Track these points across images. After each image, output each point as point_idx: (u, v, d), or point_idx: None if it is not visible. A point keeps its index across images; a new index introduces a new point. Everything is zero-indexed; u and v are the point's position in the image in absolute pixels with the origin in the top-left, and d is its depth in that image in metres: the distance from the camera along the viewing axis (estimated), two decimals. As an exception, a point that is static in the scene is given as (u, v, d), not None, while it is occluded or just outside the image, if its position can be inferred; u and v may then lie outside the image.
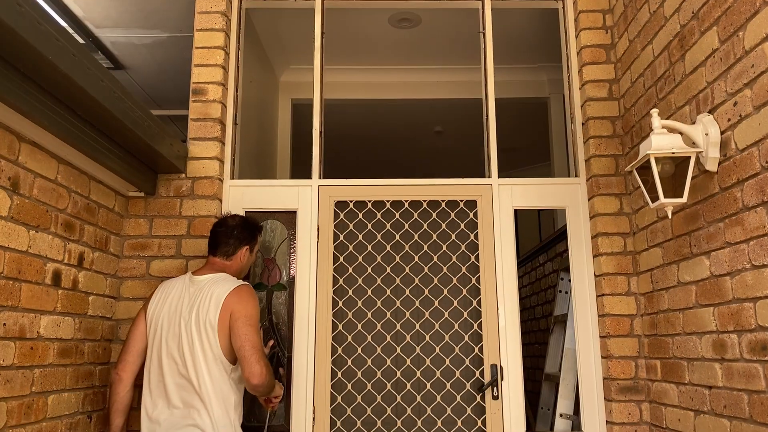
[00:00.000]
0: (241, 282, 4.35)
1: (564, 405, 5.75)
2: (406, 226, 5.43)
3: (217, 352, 4.10)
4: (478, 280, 5.31)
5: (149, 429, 4.11)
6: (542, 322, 8.37)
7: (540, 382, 6.75)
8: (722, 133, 3.79)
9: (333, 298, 5.27)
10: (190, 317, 4.15)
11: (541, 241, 8.93)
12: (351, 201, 5.46)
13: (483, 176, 5.54)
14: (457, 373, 5.19)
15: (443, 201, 5.46)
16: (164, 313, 4.25)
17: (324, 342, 5.17)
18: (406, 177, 5.53)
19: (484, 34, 5.83)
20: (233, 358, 4.13)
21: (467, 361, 5.20)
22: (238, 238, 4.55)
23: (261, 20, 6.46)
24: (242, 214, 5.27)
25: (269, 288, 5.43)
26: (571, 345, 5.69)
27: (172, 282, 4.44)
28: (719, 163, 3.82)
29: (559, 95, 7.10)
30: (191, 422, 4.02)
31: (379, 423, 5.12)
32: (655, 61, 4.69)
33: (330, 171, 5.64)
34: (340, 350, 5.22)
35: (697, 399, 4.12)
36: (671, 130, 4.05)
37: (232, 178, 5.50)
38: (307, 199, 5.42)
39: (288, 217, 5.43)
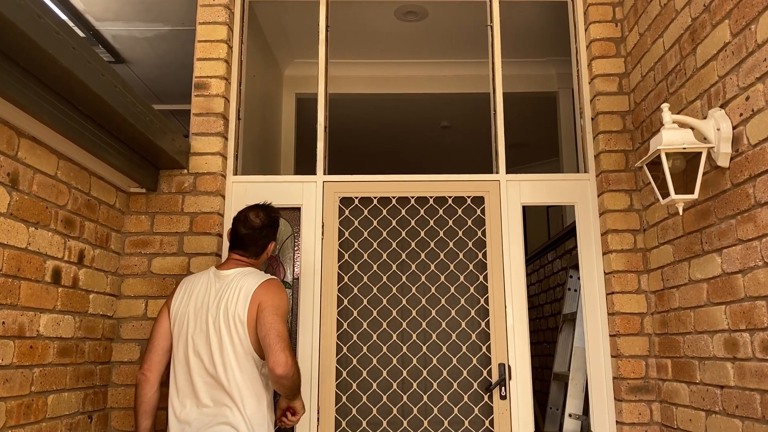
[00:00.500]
0: (269, 276, 4.32)
1: (573, 405, 5.75)
2: (413, 222, 5.43)
3: (247, 346, 4.05)
4: (485, 278, 5.30)
5: (179, 430, 4.05)
6: (551, 320, 8.37)
7: (549, 382, 6.75)
8: (734, 128, 3.78)
9: (338, 296, 5.27)
10: (218, 313, 4.11)
11: (550, 238, 8.93)
12: (356, 197, 5.45)
13: (491, 172, 5.53)
14: (465, 373, 5.19)
15: (450, 197, 5.45)
16: (190, 310, 4.20)
17: (329, 341, 5.16)
18: (413, 173, 5.52)
19: (491, 27, 5.82)
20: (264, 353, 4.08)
21: (474, 361, 5.20)
22: (266, 237, 4.51)
23: (265, 13, 6.45)
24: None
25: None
26: (580, 344, 5.69)
27: (195, 277, 4.40)
28: (731, 159, 3.81)
29: (568, 89, 7.09)
30: (223, 420, 3.97)
31: (384, 423, 5.11)
32: (665, 55, 4.68)
33: (335, 167, 5.64)
34: (345, 349, 5.21)
35: (708, 399, 4.11)
36: (682, 125, 4.04)
37: (235, 174, 5.50)
38: (312, 196, 5.41)
39: (292, 214, 5.43)
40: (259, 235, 4.46)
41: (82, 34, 6.72)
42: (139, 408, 4.19)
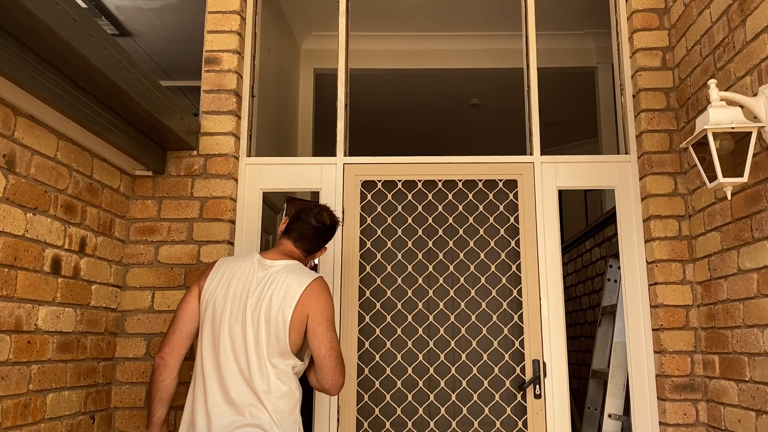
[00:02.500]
0: (316, 275, 4.22)
1: (613, 404, 5.73)
2: (440, 208, 5.39)
3: (285, 346, 3.98)
4: (518, 268, 5.26)
5: (203, 424, 3.95)
6: (589, 313, 8.33)
7: (586, 380, 6.73)
8: (789, 105, 3.74)
9: (359, 287, 5.25)
10: (260, 305, 4.02)
11: (588, 225, 8.89)
12: (379, 181, 5.42)
13: (524, 153, 5.49)
14: (496, 370, 5.16)
15: (480, 180, 5.41)
16: (229, 295, 4.09)
17: (350, 336, 5.15)
18: (440, 154, 5.49)
19: (525, -3, 5.79)
20: (297, 352, 4.04)
21: (507, 357, 5.17)
22: (326, 239, 4.44)
23: (280, -18, 6.45)
24: (260, 195, 5.28)
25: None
26: (620, 339, 5.66)
27: (235, 260, 4.27)
28: (785, 139, 3.78)
29: (607, 64, 7.07)
30: (253, 421, 3.90)
31: (410, 424, 5.09)
32: (712, 27, 4.62)
33: (356, 148, 5.62)
34: (367, 344, 5.20)
35: (759, 398, 4.07)
36: (730, 102, 3.99)
37: (249, 155, 5.47)
38: (331, 179, 5.39)
39: (310, 199, 5.42)
40: (323, 234, 4.40)
41: (83, 5, 6.71)
42: (155, 396, 4.08)
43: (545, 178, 5.35)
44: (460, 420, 5.09)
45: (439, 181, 5.40)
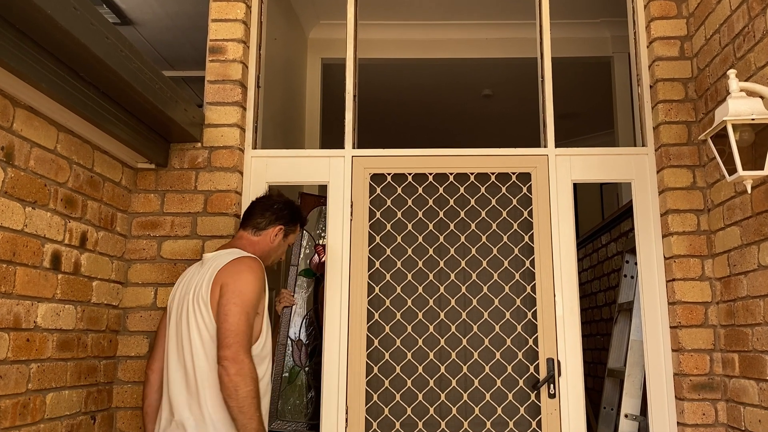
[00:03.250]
0: (244, 255, 4.21)
1: (629, 404, 5.72)
2: (451, 201, 5.37)
3: (213, 332, 3.93)
4: (532, 263, 5.24)
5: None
6: (605, 310, 8.33)
7: (602, 379, 6.72)
8: (812, 96, 3.73)
9: (368, 283, 5.23)
10: (191, 298, 4.06)
11: (604, 219, 8.88)
12: (389, 174, 5.40)
13: (538, 146, 5.46)
14: (509, 369, 5.15)
15: (493, 173, 5.39)
16: (176, 300, 4.19)
17: (358, 333, 5.13)
18: (451, 147, 5.48)
19: (539, -16, 5.77)
20: None
21: (520, 355, 5.15)
22: (276, 214, 4.45)
23: (287, -31, 6.44)
24: (265, 188, 5.26)
25: (317, 276, 5.46)
26: (637, 336, 5.64)
27: (191, 267, 4.40)
28: (808, 130, 3.76)
29: (624, 54, 7.04)
30: (178, 419, 3.90)
31: (420, 425, 5.08)
32: (732, 16, 4.60)
33: (365, 140, 5.61)
34: (376, 342, 5.19)
35: (782, 399, 4.07)
36: (751, 93, 3.96)
37: (255, 147, 5.47)
38: (339, 172, 5.37)
39: (318, 193, 5.41)
40: (270, 207, 4.47)
41: (85, -6, 6.71)
42: (143, 411, 4.25)
43: (560, 171, 5.33)
44: (472, 420, 5.08)
45: (451, 174, 5.38)
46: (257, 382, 3.84)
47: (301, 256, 5.76)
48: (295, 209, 4.59)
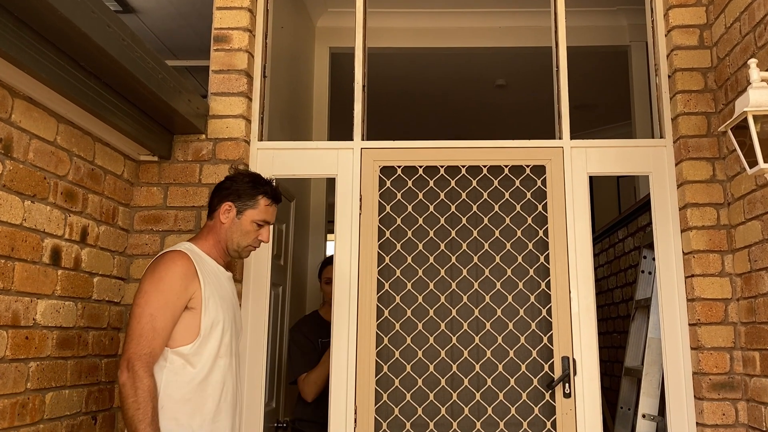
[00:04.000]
0: (171, 249, 4.09)
1: (647, 404, 5.70)
2: (463, 195, 5.36)
3: None
4: (547, 259, 5.22)
5: None
6: (622, 307, 8.32)
7: (619, 378, 6.71)
8: (835, 85, 3.71)
9: (378, 279, 5.22)
10: None
11: (621, 213, 8.87)
12: (399, 166, 5.37)
13: (553, 137, 5.44)
14: (523, 367, 5.13)
15: (506, 166, 5.36)
16: None
17: (367, 331, 5.12)
18: (463, 138, 5.46)
19: (554, -30, 5.75)
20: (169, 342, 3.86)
21: (534, 353, 5.14)
22: (225, 190, 4.28)
23: (294, -45, 6.43)
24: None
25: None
26: (655, 334, 5.62)
27: None
28: (831, 122, 3.73)
29: (641, 43, 7.03)
30: None
31: (431, 425, 5.06)
32: (753, 3, 4.57)
33: (374, 132, 5.60)
34: (386, 340, 5.17)
35: (805, 399, 4.06)
36: (772, 83, 3.96)
37: (261, 139, 5.46)
38: (348, 164, 5.36)
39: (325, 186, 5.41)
40: (218, 187, 4.33)
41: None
42: None
43: (575, 163, 5.31)
44: (485, 420, 5.06)
45: (463, 166, 5.36)
46: (149, 394, 3.68)
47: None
48: (250, 182, 4.32)
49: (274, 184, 4.50)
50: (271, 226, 4.58)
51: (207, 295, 3.96)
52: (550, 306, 5.13)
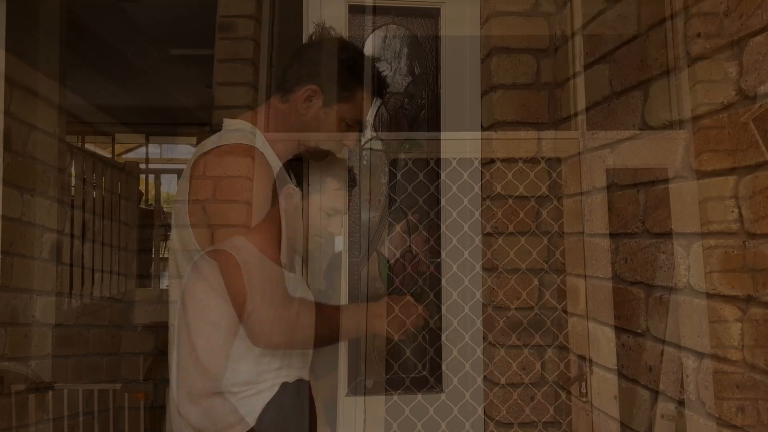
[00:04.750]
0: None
1: (666, 404, 5.70)
2: (476, 188, 5.33)
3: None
4: (562, 254, 5.22)
5: None
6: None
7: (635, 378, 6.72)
8: None
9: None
10: None
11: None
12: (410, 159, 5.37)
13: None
14: (537, 366, 5.12)
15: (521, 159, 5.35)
16: None
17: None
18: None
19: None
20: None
21: (549, 352, 5.14)
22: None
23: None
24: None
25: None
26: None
27: None
28: None
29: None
30: None
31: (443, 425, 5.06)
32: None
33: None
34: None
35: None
36: (800, 70, 3.93)
37: (267, 131, 5.43)
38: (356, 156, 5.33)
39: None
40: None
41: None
42: None
43: (594, 154, 5.30)
44: (498, 420, 5.05)
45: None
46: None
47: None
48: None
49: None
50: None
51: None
52: (565, 302, 5.11)
